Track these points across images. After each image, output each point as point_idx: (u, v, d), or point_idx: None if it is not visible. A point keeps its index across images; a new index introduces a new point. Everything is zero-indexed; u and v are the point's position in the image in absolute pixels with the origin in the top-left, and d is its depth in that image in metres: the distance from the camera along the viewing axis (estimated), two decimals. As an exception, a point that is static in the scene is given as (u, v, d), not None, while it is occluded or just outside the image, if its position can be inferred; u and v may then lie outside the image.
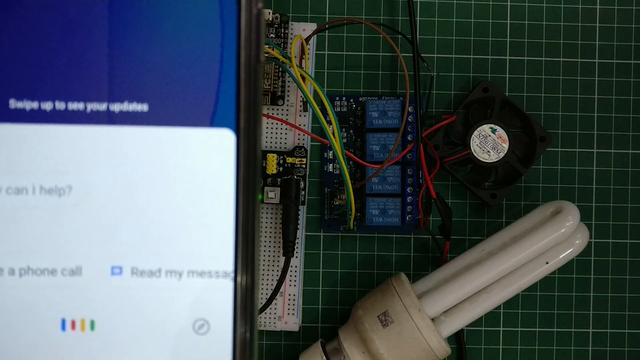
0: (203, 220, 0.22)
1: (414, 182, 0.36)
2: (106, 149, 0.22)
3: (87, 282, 0.22)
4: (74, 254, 0.22)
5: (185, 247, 0.22)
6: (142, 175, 0.22)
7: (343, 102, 0.37)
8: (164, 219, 0.22)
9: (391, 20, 0.37)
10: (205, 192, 0.22)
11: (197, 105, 0.22)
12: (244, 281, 0.22)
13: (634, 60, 0.37)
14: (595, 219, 0.37)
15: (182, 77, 0.22)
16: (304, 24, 0.37)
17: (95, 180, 0.22)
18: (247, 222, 0.22)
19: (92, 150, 0.22)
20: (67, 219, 0.22)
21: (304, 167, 0.36)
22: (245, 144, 0.22)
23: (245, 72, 0.22)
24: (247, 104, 0.22)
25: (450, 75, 0.37)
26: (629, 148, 0.37)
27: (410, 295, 0.33)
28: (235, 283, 0.22)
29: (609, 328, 0.37)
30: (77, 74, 0.22)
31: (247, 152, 0.22)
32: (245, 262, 0.22)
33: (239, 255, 0.22)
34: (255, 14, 0.22)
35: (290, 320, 0.36)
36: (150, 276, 0.22)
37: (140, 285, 0.22)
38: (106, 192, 0.22)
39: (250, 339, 0.22)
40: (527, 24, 0.37)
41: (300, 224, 0.36)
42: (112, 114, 0.22)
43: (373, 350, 0.32)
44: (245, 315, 0.22)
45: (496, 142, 0.36)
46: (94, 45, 0.22)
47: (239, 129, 0.22)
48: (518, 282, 0.33)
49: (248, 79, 0.22)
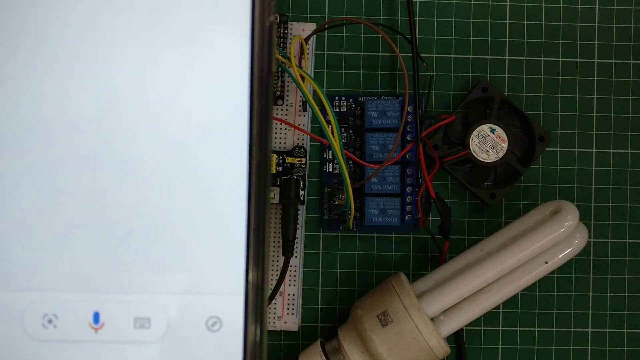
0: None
1: (414, 182, 0.36)
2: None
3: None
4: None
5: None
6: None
7: (342, 102, 0.37)
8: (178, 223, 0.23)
9: (390, 20, 0.37)
10: (218, 193, 0.23)
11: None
12: (255, 278, 0.22)
13: (633, 60, 0.37)
14: (594, 218, 0.37)
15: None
16: (303, 24, 0.37)
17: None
18: (258, 222, 0.23)
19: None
20: None
21: (303, 167, 0.36)
22: (257, 150, 0.23)
23: (258, 81, 0.23)
24: (260, 111, 0.23)
25: (450, 75, 0.37)
26: (628, 148, 0.37)
27: (409, 295, 0.33)
28: (247, 281, 0.22)
29: (608, 327, 0.37)
30: None
31: (259, 157, 0.23)
32: (256, 259, 0.22)
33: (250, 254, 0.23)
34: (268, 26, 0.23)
35: (290, 319, 0.36)
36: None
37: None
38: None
39: (261, 336, 0.23)
40: (526, 24, 0.37)
41: (300, 224, 0.36)
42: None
43: (372, 349, 0.32)
44: (256, 312, 0.22)
45: (495, 141, 0.36)
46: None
47: (252, 136, 0.23)
48: (517, 281, 0.33)
49: (260, 88, 0.23)
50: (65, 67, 0.23)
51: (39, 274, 0.22)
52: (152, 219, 0.23)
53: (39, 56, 0.23)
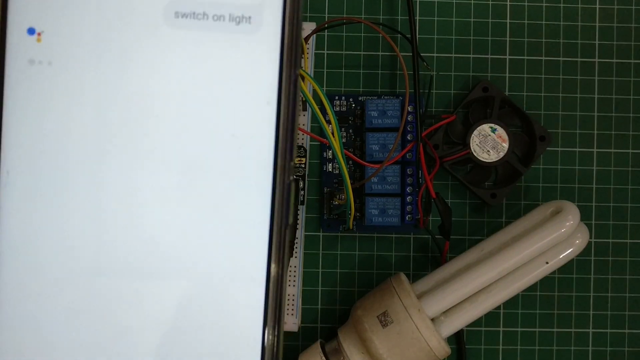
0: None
1: (414, 181, 0.36)
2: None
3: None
4: None
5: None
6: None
7: (342, 101, 0.37)
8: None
9: (391, 20, 0.37)
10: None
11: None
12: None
13: (633, 59, 0.37)
14: (595, 218, 0.37)
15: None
16: (303, 23, 0.36)
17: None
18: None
19: None
20: None
21: (303, 166, 0.36)
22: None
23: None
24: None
25: (450, 75, 0.37)
26: (629, 147, 0.37)
27: (410, 296, 0.32)
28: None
29: (609, 328, 0.37)
30: None
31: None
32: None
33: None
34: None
35: (290, 320, 0.36)
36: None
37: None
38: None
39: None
40: (527, 23, 0.37)
41: (300, 224, 0.36)
42: None
43: (372, 350, 0.32)
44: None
45: (496, 141, 0.36)
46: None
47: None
48: (518, 282, 0.33)
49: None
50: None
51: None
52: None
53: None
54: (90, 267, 0.23)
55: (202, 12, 0.23)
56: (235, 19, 0.23)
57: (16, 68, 0.23)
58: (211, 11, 0.23)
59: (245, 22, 0.23)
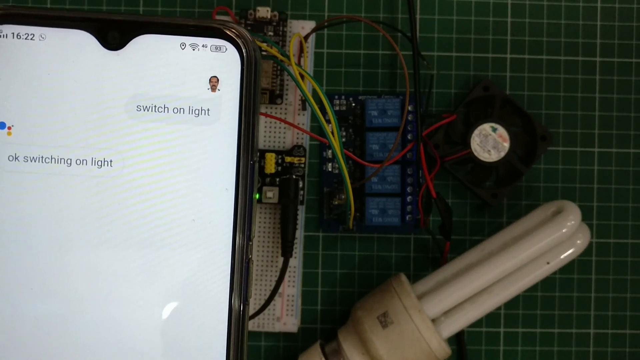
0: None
1: (414, 181, 0.35)
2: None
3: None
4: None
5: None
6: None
7: (342, 100, 0.37)
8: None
9: (391, 18, 0.37)
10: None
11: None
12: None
13: (635, 58, 0.37)
14: (596, 218, 0.37)
15: None
16: (302, 22, 0.36)
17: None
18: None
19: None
20: None
21: (302, 166, 0.36)
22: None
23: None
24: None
25: (451, 74, 0.37)
26: (630, 147, 0.37)
27: (410, 296, 0.32)
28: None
29: (610, 329, 0.37)
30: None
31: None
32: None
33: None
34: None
35: (289, 321, 0.36)
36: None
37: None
38: None
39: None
40: (528, 22, 0.37)
41: (299, 224, 0.36)
42: None
43: (373, 351, 0.32)
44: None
45: (497, 141, 0.36)
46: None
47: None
48: (519, 282, 0.33)
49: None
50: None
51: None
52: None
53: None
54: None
55: (163, 105, 0.25)
56: (194, 112, 0.25)
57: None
58: (171, 104, 0.25)
59: (205, 114, 0.25)
